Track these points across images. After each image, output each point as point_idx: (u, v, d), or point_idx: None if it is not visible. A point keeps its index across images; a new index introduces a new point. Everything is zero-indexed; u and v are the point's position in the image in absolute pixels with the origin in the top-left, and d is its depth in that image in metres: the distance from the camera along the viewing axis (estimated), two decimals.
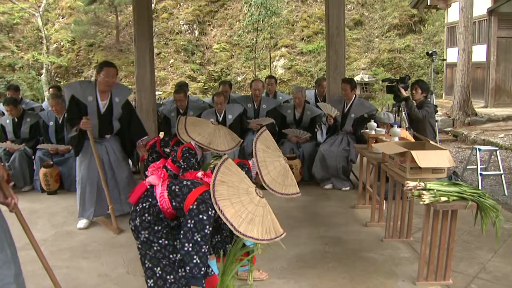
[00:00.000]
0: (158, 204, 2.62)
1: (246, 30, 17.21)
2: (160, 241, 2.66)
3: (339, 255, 3.96)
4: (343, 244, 4.20)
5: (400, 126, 5.72)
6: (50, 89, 7.63)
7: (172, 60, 17.35)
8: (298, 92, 6.64)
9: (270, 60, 16.83)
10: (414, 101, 5.90)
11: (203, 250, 2.45)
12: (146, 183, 2.73)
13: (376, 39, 17.46)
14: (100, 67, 4.50)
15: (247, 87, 15.84)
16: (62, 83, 16.81)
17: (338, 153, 5.98)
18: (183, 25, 18.37)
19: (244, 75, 17.04)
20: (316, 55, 16.95)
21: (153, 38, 17.53)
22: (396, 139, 4.26)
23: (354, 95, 6.17)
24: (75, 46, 18.24)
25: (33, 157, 6.28)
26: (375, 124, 4.94)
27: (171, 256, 2.68)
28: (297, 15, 18.41)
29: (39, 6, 18.73)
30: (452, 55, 14.16)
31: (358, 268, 3.69)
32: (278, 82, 15.55)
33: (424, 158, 3.31)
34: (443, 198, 3.00)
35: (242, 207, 2.47)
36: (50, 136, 6.27)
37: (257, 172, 3.15)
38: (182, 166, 3.82)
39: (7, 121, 6.44)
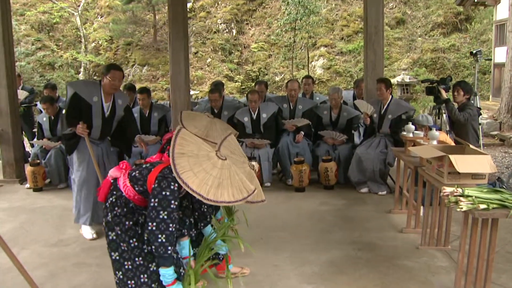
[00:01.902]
0: (124, 194, 2.58)
1: (284, 29, 17.09)
2: (131, 241, 2.61)
3: (372, 261, 3.83)
4: (377, 250, 4.06)
5: (440, 129, 5.50)
6: None
7: (209, 59, 17.45)
8: (334, 93, 6.51)
9: (308, 59, 16.67)
10: (455, 103, 5.68)
11: (170, 228, 2.38)
12: (109, 178, 2.72)
13: (419, 38, 17.00)
14: (107, 70, 4.43)
15: (285, 87, 15.76)
16: None
17: (375, 156, 5.81)
18: (220, 24, 18.45)
19: (282, 75, 16.95)
20: (356, 55, 16.67)
21: (191, 37, 17.78)
22: (435, 142, 4.08)
23: (390, 96, 5.98)
24: (113, 45, 18.62)
25: None
26: (413, 127, 4.75)
27: (136, 259, 2.62)
28: (336, 14, 18.17)
29: (78, 6, 19.25)
30: (500, 54, 13.59)
31: (392, 275, 3.55)
32: (316, 82, 15.42)
33: (463, 162, 3.14)
34: (482, 206, 2.82)
35: (206, 174, 2.37)
36: None
37: None
38: None
39: (44, 119, 6.59)
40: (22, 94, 7.54)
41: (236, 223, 3.69)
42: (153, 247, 2.41)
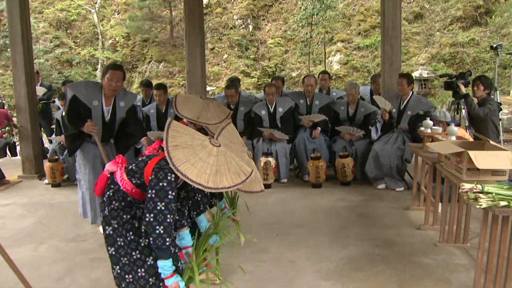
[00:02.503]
0: (121, 187, 2.59)
1: (301, 25, 17.00)
2: (127, 234, 2.60)
3: (389, 258, 3.79)
4: (394, 247, 4.02)
5: (458, 125, 5.42)
6: None
7: (226, 55, 17.46)
8: (351, 89, 6.46)
9: (325, 55, 16.57)
10: (475, 98, 5.59)
11: (167, 220, 2.36)
12: (106, 173, 2.72)
13: (437, 33, 16.76)
14: (106, 70, 4.27)
15: (301, 83, 15.69)
16: None
17: (392, 152, 5.75)
18: (237, 19, 18.43)
19: (299, 71, 16.88)
20: (374, 50, 16.51)
21: (207, 33, 17.77)
22: (453, 138, 4.02)
23: (411, 91, 5.90)
24: (130, 41, 18.74)
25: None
26: (431, 122, 4.68)
27: (133, 253, 2.61)
28: (353, 9, 18.01)
29: (95, 3, 19.46)
30: None
31: (409, 273, 3.51)
32: (333, 78, 15.31)
33: (482, 158, 3.09)
34: (503, 203, 2.77)
35: (203, 163, 2.37)
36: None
37: None
38: None
39: (62, 115, 6.65)
40: (40, 91, 7.63)
41: (238, 213, 3.68)
42: (150, 239, 2.39)
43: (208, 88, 13.05)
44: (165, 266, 2.43)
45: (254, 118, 6.52)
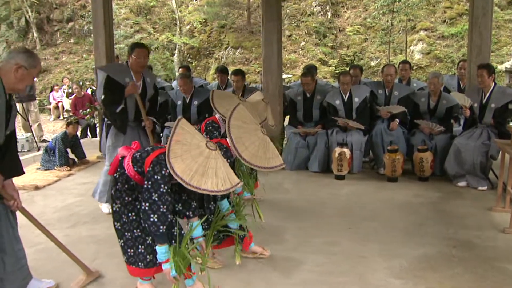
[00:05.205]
0: (126, 172, 2.80)
1: (381, 12, 16.45)
2: (129, 214, 2.85)
3: (468, 261, 3.57)
4: (474, 250, 3.78)
5: None
6: (180, 69, 8.01)
7: (303, 43, 17.30)
8: (434, 78, 6.14)
9: (406, 44, 15.96)
10: None
11: (161, 209, 2.59)
12: (118, 156, 2.94)
13: None
14: (132, 49, 4.49)
15: (380, 73, 15.22)
16: (193, 64, 17.66)
17: (476, 148, 5.42)
18: (315, 6, 18.18)
19: (378, 60, 16.41)
20: (459, 39, 15.68)
21: (285, 20, 17.71)
22: None
23: (493, 83, 5.51)
24: (207, 27, 19.01)
25: (161, 134, 6.61)
26: None
27: (134, 231, 2.85)
28: None
29: None
30: None
31: (490, 279, 3.28)
32: (414, 68, 14.73)
33: None
34: None
35: (192, 161, 2.55)
36: (177, 114, 6.52)
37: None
38: None
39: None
40: None
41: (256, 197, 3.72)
42: (146, 225, 2.64)
43: (284, 76, 13.00)
44: (159, 251, 2.70)
45: (328, 108, 6.39)
